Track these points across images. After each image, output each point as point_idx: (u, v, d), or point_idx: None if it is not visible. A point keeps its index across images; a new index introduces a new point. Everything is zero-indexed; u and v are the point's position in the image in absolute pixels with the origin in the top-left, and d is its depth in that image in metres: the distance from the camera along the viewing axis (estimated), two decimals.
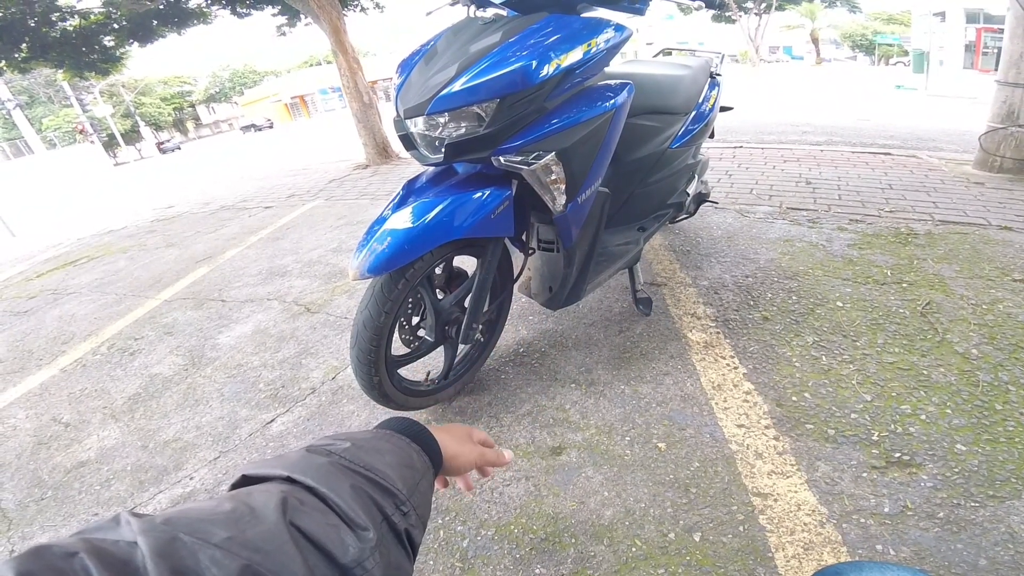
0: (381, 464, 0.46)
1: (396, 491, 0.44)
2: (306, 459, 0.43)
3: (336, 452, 0.45)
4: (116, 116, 40.14)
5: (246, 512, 0.34)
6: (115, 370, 2.48)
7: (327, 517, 0.37)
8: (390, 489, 0.44)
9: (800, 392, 1.67)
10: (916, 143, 5.31)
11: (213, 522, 0.32)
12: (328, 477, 0.41)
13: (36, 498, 1.74)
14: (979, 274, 2.23)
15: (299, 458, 0.43)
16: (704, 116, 2.32)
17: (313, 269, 3.29)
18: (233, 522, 0.33)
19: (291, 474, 0.41)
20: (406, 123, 1.48)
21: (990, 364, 1.70)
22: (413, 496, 0.45)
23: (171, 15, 7.57)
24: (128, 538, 0.30)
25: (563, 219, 1.56)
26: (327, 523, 0.37)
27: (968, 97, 11.65)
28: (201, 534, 0.31)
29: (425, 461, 0.53)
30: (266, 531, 0.33)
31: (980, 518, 1.22)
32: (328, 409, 1.91)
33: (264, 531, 0.33)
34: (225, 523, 0.33)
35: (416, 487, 0.47)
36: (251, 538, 0.32)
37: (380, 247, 1.37)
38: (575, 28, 1.46)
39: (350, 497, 0.40)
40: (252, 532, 0.33)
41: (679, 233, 2.98)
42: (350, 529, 0.38)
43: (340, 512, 0.38)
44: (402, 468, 0.48)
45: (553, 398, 1.79)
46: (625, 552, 1.25)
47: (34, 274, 4.57)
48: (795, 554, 1.20)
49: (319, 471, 0.41)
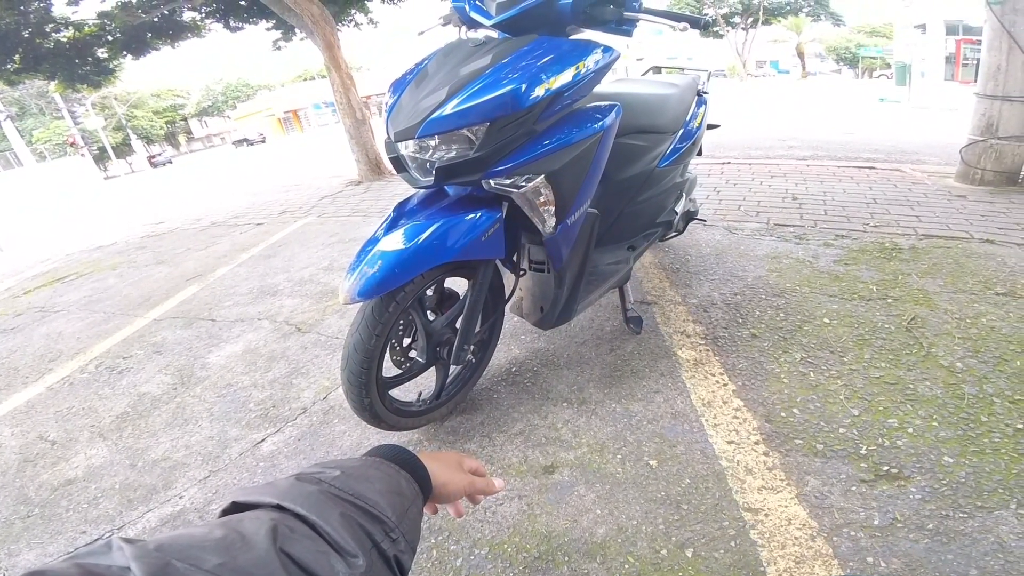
0: (370, 492, 0.46)
1: (385, 518, 0.44)
2: (296, 487, 0.44)
3: (326, 480, 0.45)
4: (108, 129, 39.97)
5: (237, 539, 0.34)
6: (103, 388, 2.46)
7: (317, 544, 0.38)
8: (379, 516, 0.44)
9: (789, 408, 1.69)
10: (900, 156, 5.39)
11: (204, 548, 0.33)
12: (318, 505, 0.41)
13: (22, 515, 1.73)
14: (962, 288, 2.27)
15: (289, 486, 0.44)
16: (692, 134, 2.35)
17: (304, 288, 3.29)
18: (224, 548, 0.33)
19: (281, 502, 0.41)
20: (397, 146, 1.49)
21: (975, 377, 1.72)
22: (402, 523, 0.46)
23: (165, 28, 7.59)
24: (120, 563, 0.30)
25: (553, 240, 1.58)
26: (317, 550, 0.37)
27: (950, 108, 11.84)
28: (193, 560, 0.31)
29: (414, 488, 0.54)
30: (257, 558, 0.33)
31: (969, 528, 1.24)
32: (319, 429, 1.91)
33: (255, 558, 0.33)
34: (216, 549, 0.33)
35: (405, 514, 0.48)
36: (242, 565, 0.32)
37: (371, 270, 1.38)
38: (564, 50, 1.48)
39: (339, 525, 0.40)
40: (243, 559, 0.33)
41: (668, 251, 3.02)
42: (340, 556, 0.38)
43: (330, 540, 0.39)
44: (391, 495, 0.48)
45: (545, 417, 1.80)
46: (618, 569, 1.26)
47: (21, 291, 4.54)
48: (787, 568, 1.21)
49: (309, 499, 0.42)
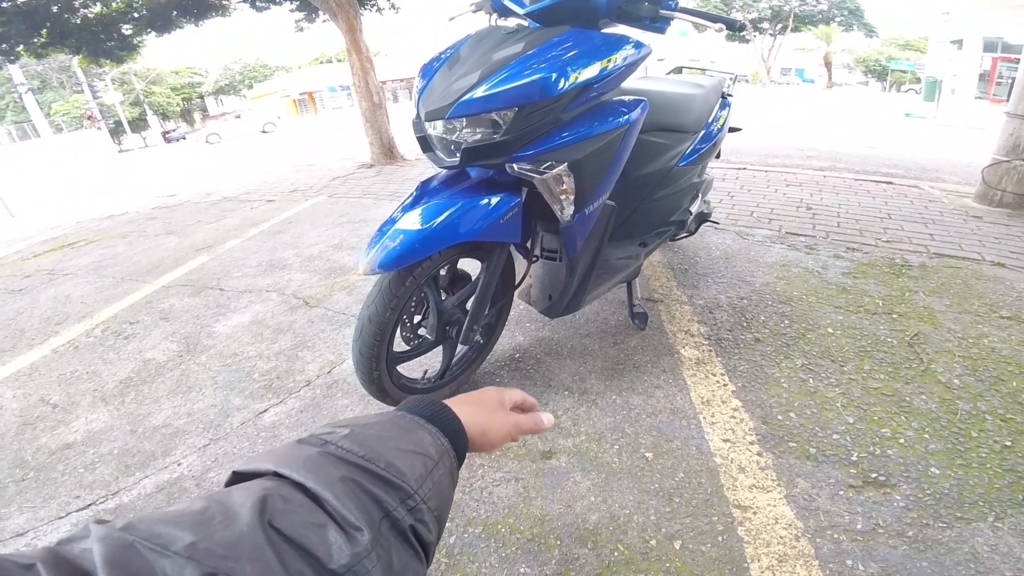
0: (384, 451, 0.40)
1: (401, 483, 0.39)
2: (295, 450, 0.39)
3: (332, 441, 0.40)
4: (125, 104, 40.16)
5: (217, 513, 0.31)
6: (108, 353, 2.49)
7: (313, 516, 0.33)
8: (393, 481, 0.38)
9: (786, 411, 1.71)
10: (919, 173, 5.36)
11: (179, 525, 0.30)
12: (316, 470, 0.36)
13: (16, 479, 1.74)
14: (968, 309, 2.28)
15: (287, 450, 0.39)
16: (713, 136, 2.35)
17: (313, 264, 3.32)
18: (201, 525, 0.30)
19: (277, 468, 0.37)
20: (425, 125, 1.52)
21: (970, 394, 1.74)
22: (423, 487, 0.40)
23: (191, 6, 7.63)
24: (89, 546, 0.28)
25: (569, 229, 1.60)
26: (313, 523, 0.33)
27: (977, 127, 11.65)
28: (162, 540, 0.28)
29: (442, 445, 0.46)
30: (238, 534, 0.30)
31: (946, 538, 1.26)
32: (322, 402, 1.94)
33: (235, 534, 0.30)
34: (192, 526, 0.30)
35: (428, 476, 0.41)
36: (219, 542, 0.29)
37: (392, 244, 1.41)
38: (595, 43, 1.50)
39: (341, 492, 0.35)
40: (221, 535, 0.29)
41: (678, 251, 3.03)
42: (339, 528, 0.33)
43: (329, 510, 0.34)
44: (411, 455, 0.42)
45: (546, 404, 1.82)
46: (608, 556, 1.28)
47: (31, 254, 4.57)
48: (769, 565, 1.23)
49: (307, 463, 0.37)
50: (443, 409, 0.51)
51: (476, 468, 1.58)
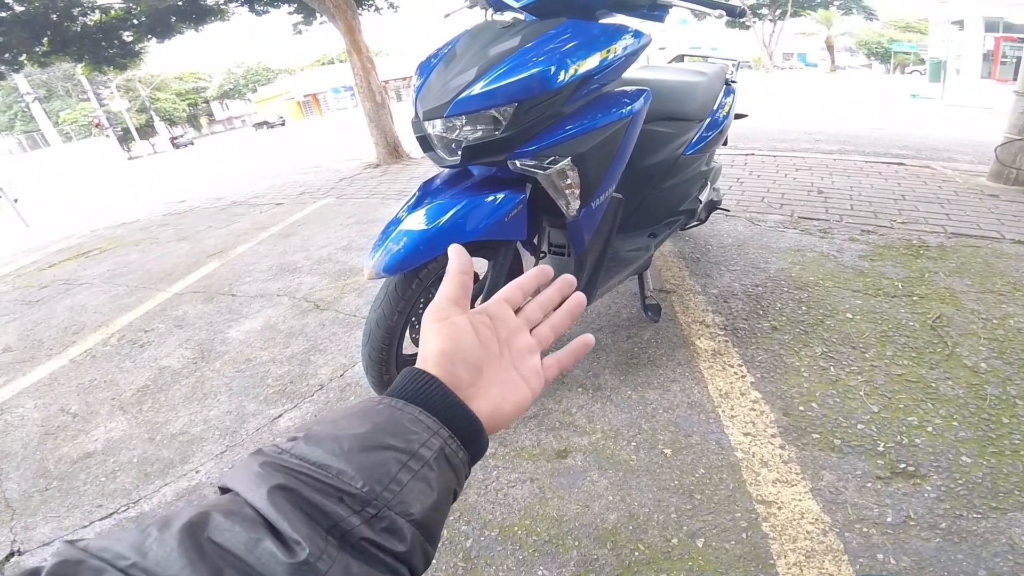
0: (340, 454, 0.36)
1: (355, 490, 0.35)
2: (245, 464, 0.37)
3: (286, 449, 0.37)
4: (131, 111, 40.56)
5: (153, 531, 0.30)
6: (124, 362, 2.51)
7: (252, 531, 0.31)
8: (345, 488, 0.35)
9: (807, 402, 1.67)
10: (930, 153, 5.26)
11: (123, 543, 0.29)
12: (257, 483, 0.34)
13: (40, 488, 1.76)
14: (991, 288, 2.22)
15: (241, 464, 0.37)
16: (719, 123, 2.31)
17: (323, 266, 3.32)
18: (140, 544, 0.29)
19: (225, 483, 0.36)
20: (424, 125, 1.49)
21: (999, 378, 1.69)
22: (387, 490, 0.35)
23: (189, 11, 7.65)
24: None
25: (576, 224, 1.57)
26: (249, 537, 0.31)
27: (984, 107, 11.53)
28: (110, 558, 0.28)
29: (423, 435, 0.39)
30: (170, 551, 0.29)
31: (982, 529, 1.22)
32: (336, 406, 1.93)
33: (167, 552, 0.29)
34: (134, 546, 0.29)
35: (395, 477, 0.36)
36: (154, 560, 0.29)
37: (396, 247, 1.39)
38: (593, 34, 1.47)
39: (279, 504, 0.33)
40: (155, 554, 0.29)
41: (689, 240, 2.98)
42: (279, 542, 0.31)
43: (269, 524, 0.32)
44: (376, 453, 0.37)
45: (559, 401, 1.80)
46: (628, 556, 1.25)
47: (47, 264, 4.63)
48: (796, 562, 1.20)
49: (247, 477, 0.35)
50: (433, 385, 0.41)
51: (491, 469, 1.56)
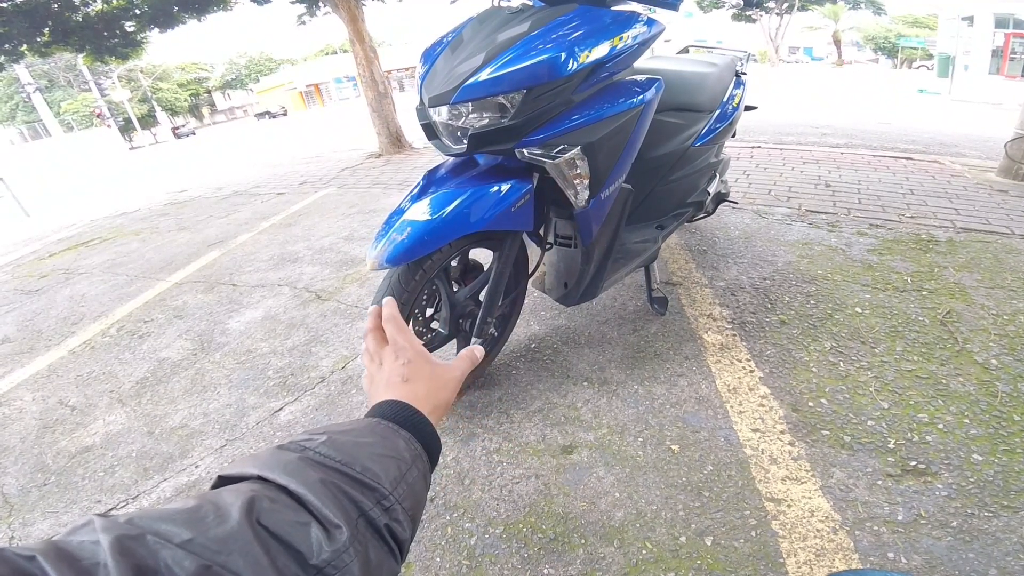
0: (360, 456, 0.43)
1: (376, 485, 0.42)
2: (276, 456, 0.42)
3: (310, 447, 0.43)
4: (133, 101, 40.45)
5: (210, 512, 0.33)
6: (124, 353, 2.48)
7: (298, 515, 0.36)
8: (368, 483, 0.41)
9: (817, 398, 1.64)
10: (938, 148, 5.22)
11: (176, 522, 0.32)
12: (297, 473, 0.39)
13: (39, 483, 1.74)
14: (1001, 284, 2.19)
15: (269, 456, 0.42)
16: (728, 115, 2.28)
17: (324, 256, 3.29)
18: (196, 522, 0.32)
19: (261, 472, 0.40)
20: (429, 112, 1.46)
21: (1010, 375, 1.66)
22: (397, 489, 0.43)
23: (192, 1, 7.58)
24: (91, 538, 0.30)
25: (584, 215, 1.54)
26: (296, 521, 0.36)
27: (993, 103, 11.45)
28: (163, 534, 0.31)
29: (415, 449, 0.49)
30: (230, 531, 0.32)
31: (993, 528, 1.21)
32: (337, 399, 1.90)
33: (227, 531, 0.32)
34: (188, 523, 0.32)
35: (402, 479, 0.44)
36: (213, 538, 0.31)
37: (399, 238, 1.36)
38: (605, 21, 1.43)
39: (321, 493, 0.38)
40: (215, 532, 0.32)
41: (696, 232, 2.95)
42: (322, 527, 0.36)
43: (311, 510, 0.37)
44: (385, 459, 0.45)
45: (565, 396, 1.77)
46: (635, 554, 1.23)
47: (47, 254, 4.61)
48: (806, 560, 1.18)
49: (288, 467, 0.40)
50: (416, 415, 0.53)
51: (495, 465, 1.54)
